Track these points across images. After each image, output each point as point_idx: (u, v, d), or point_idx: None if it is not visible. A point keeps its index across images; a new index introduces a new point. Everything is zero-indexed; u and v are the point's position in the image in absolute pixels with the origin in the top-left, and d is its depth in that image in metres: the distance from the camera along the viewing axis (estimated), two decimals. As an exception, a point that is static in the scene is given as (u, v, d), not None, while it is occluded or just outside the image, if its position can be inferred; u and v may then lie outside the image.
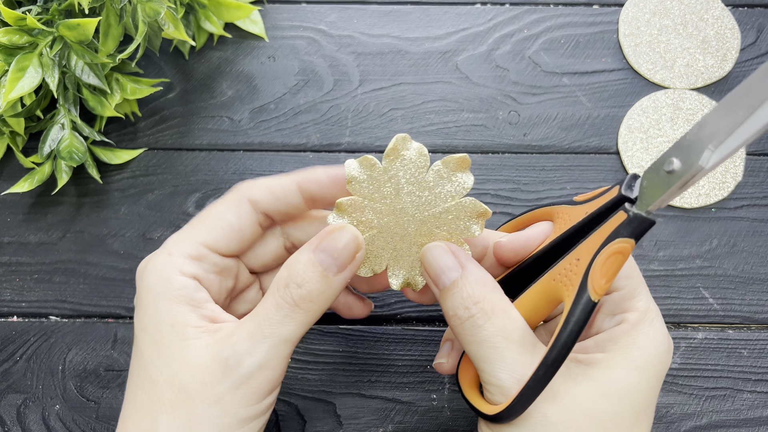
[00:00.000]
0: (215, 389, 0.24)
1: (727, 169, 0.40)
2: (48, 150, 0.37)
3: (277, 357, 0.25)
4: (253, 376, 0.25)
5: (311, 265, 0.26)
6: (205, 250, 0.27)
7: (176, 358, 0.25)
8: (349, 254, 0.26)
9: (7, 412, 0.36)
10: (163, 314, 0.26)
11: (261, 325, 0.25)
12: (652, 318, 0.26)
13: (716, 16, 0.44)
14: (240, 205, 0.28)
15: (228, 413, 0.24)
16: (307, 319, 0.26)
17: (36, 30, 0.34)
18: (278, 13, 0.45)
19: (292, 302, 0.25)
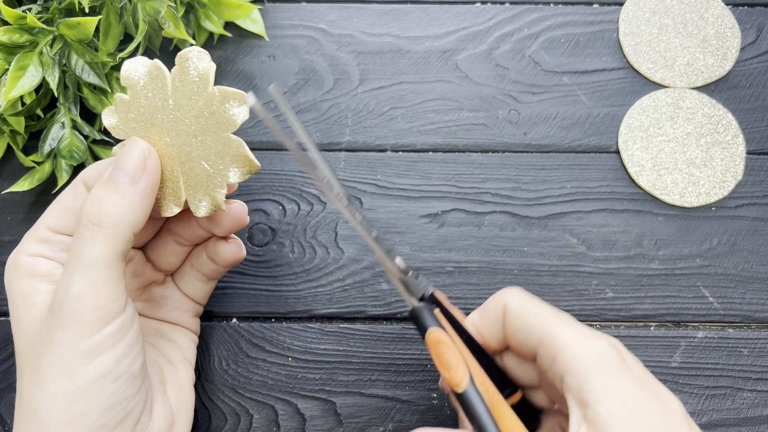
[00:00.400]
0: (49, 333, 0.25)
1: (727, 168, 0.40)
2: (48, 149, 0.37)
3: (93, 282, 0.25)
4: (74, 308, 0.24)
5: (104, 184, 0.26)
6: (48, 233, 0.28)
7: (27, 322, 0.26)
8: (136, 162, 0.26)
9: (8, 411, 0.36)
10: (15, 291, 0.27)
11: (70, 258, 0.25)
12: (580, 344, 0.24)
13: (716, 15, 0.44)
14: (76, 187, 0.28)
15: (65, 352, 0.24)
16: (112, 237, 0.25)
17: (36, 29, 0.34)
18: (278, 12, 0.45)
19: (88, 223, 0.25)
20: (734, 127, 0.41)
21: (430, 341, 0.24)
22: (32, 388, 0.25)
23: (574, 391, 0.24)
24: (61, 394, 0.24)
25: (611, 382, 0.23)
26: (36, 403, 0.25)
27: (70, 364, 0.24)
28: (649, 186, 0.40)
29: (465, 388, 0.23)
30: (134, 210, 0.26)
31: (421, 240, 0.39)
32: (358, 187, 0.40)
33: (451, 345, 0.24)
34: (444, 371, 0.24)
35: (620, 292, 0.38)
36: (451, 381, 0.23)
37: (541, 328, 0.25)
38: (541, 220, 0.39)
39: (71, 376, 0.24)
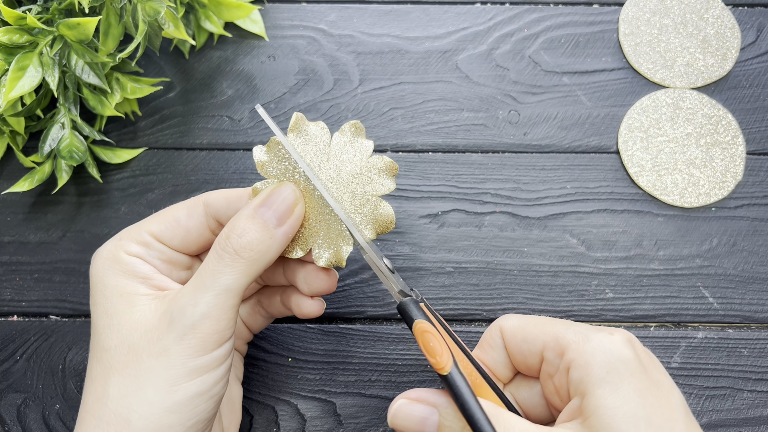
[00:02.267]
0: (161, 342, 0.25)
1: (727, 168, 0.40)
2: (48, 149, 0.37)
3: (220, 306, 0.25)
4: (197, 326, 0.25)
5: (251, 218, 0.27)
6: (151, 238, 0.28)
7: (125, 323, 0.26)
8: (287, 206, 0.27)
9: (8, 411, 0.36)
10: (112, 287, 0.27)
11: (203, 277, 0.26)
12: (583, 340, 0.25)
13: (716, 16, 0.44)
14: (194, 206, 0.29)
15: (175, 364, 0.25)
16: (249, 270, 0.26)
17: (36, 29, 0.34)
18: (278, 13, 0.45)
19: (232, 251, 0.26)
20: (734, 128, 0.41)
21: (417, 331, 0.26)
22: (126, 391, 0.25)
23: (574, 383, 0.24)
24: (159, 402, 0.25)
25: (609, 374, 0.24)
26: (128, 407, 0.25)
27: (177, 377, 0.25)
28: (648, 186, 0.40)
29: (449, 371, 0.25)
30: (274, 250, 0.27)
31: (421, 240, 0.39)
32: (358, 187, 0.40)
33: (436, 333, 0.26)
34: (430, 357, 0.25)
35: (620, 293, 0.38)
36: (437, 365, 0.25)
37: (544, 332, 0.26)
38: (541, 221, 0.39)
39: (174, 389, 0.25)
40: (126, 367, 0.25)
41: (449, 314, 0.37)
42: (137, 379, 0.25)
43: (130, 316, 0.26)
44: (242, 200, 0.29)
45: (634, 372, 0.24)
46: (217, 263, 0.26)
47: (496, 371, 0.29)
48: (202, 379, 0.25)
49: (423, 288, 0.38)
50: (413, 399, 0.26)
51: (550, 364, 0.26)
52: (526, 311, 0.37)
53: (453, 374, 0.25)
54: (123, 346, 0.26)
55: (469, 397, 0.24)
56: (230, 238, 0.26)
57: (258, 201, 0.27)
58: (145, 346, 0.25)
